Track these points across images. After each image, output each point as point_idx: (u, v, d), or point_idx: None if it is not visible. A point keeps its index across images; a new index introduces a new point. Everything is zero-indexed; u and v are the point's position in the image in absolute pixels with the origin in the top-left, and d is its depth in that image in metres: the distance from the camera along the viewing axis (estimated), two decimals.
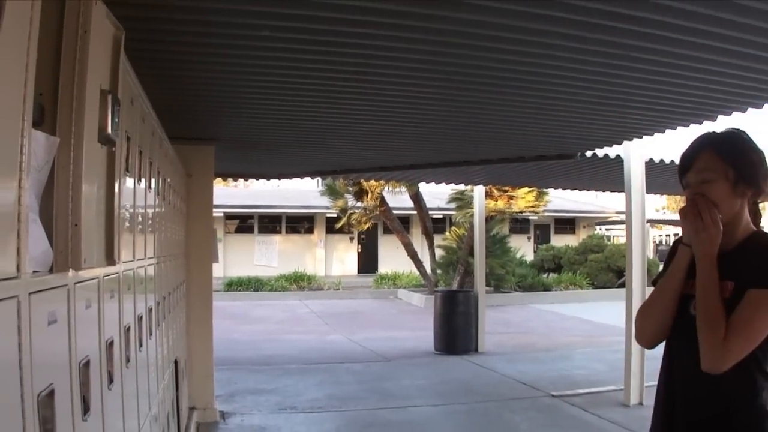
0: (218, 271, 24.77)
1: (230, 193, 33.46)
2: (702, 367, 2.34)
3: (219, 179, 14.68)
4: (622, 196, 9.22)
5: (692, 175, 2.53)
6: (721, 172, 2.46)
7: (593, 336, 14.84)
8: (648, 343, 2.72)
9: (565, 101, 5.77)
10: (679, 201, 53.51)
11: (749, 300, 2.31)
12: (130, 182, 3.05)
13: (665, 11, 3.71)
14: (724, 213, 2.46)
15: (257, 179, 13.84)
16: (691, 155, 2.55)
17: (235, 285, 25.47)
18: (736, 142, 2.54)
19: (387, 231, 29.32)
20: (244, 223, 34.56)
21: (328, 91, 5.53)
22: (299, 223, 35.08)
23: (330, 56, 4.54)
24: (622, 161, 8.88)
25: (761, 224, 2.60)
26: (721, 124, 6.71)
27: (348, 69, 4.85)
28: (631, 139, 7.79)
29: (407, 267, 26.27)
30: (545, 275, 27.06)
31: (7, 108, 1.41)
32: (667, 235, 49.40)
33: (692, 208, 2.49)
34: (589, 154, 8.77)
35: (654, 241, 39.04)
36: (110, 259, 2.34)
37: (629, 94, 5.47)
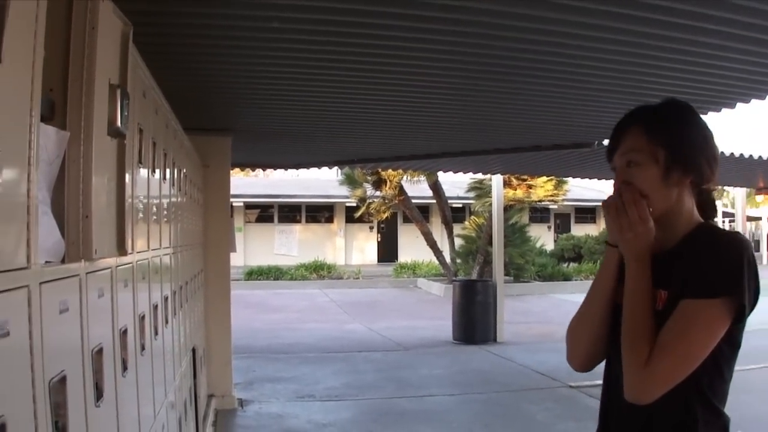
0: (239, 260, 24.98)
1: (250, 183, 33.56)
2: (625, 396, 1.92)
3: (237, 169, 14.75)
4: None
5: (618, 158, 2.07)
6: (649, 154, 1.99)
7: None
8: (580, 365, 2.20)
9: (581, 90, 5.77)
10: None
11: (681, 313, 1.87)
12: (143, 173, 3.10)
13: None
14: (655, 205, 1.99)
15: (275, 169, 13.86)
16: (617, 132, 2.10)
17: (256, 274, 25.62)
18: (670, 116, 2.07)
19: (406, 220, 29.34)
20: (265, 212, 34.65)
21: (342, 80, 5.55)
22: (319, 213, 35.14)
23: (343, 46, 4.57)
24: None
25: (715, 219, 2.16)
26: (739, 112, 6.69)
27: (362, 59, 4.87)
28: None
29: (427, 256, 26.29)
30: (565, 265, 26.98)
31: (15, 105, 1.46)
32: None
33: (617, 201, 2.01)
34: (606, 142, 8.72)
35: None
36: (122, 249, 2.39)
37: (646, 82, 5.44)
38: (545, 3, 3.77)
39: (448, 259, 23.82)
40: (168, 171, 4.05)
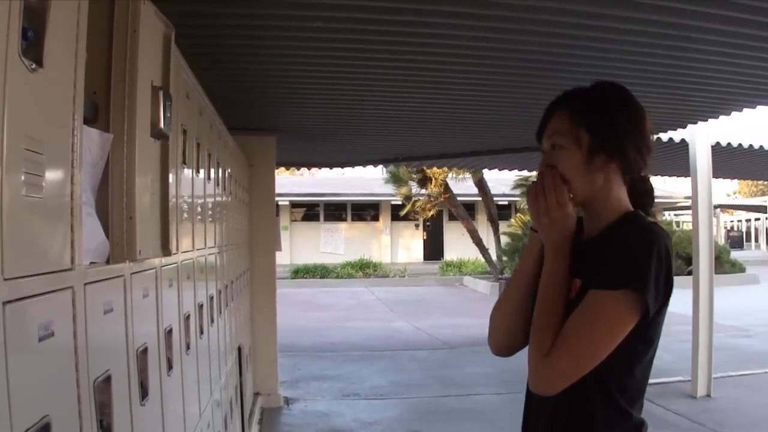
0: (285, 258, 25.09)
1: (296, 182, 33.75)
2: (529, 386, 1.90)
3: (283, 168, 14.84)
4: (689, 180, 9.04)
5: (545, 141, 1.99)
6: (572, 137, 1.91)
7: None
8: (498, 349, 2.17)
9: (627, 85, 5.68)
10: (751, 185, 52.19)
11: (586, 304, 1.80)
12: (187, 174, 3.13)
13: None
14: (578, 190, 1.92)
15: (319, 168, 13.88)
16: (546, 115, 2.02)
17: (302, 272, 25.78)
18: (597, 99, 1.98)
19: (452, 218, 29.27)
20: (310, 211, 34.77)
21: (385, 79, 5.54)
22: (365, 211, 35.16)
23: (386, 45, 4.55)
24: (688, 145, 8.71)
25: (651, 209, 2.06)
26: None
27: (405, 57, 4.86)
28: (695, 123, 7.64)
29: (473, 254, 26.20)
30: None
31: (58, 108, 1.48)
32: (738, 221, 48.21)
33: (537, 185, 1.94)
34: (653, 138, 8.58)
35: (725, 227, 38.15)
36: (166, 249, 2.42)
37: (693, 76, 5.36)
38: None
39: (494, 257, 23.69)
40: (212, 171, 4.08)
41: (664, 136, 8.57)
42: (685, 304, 10.84)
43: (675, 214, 38.46)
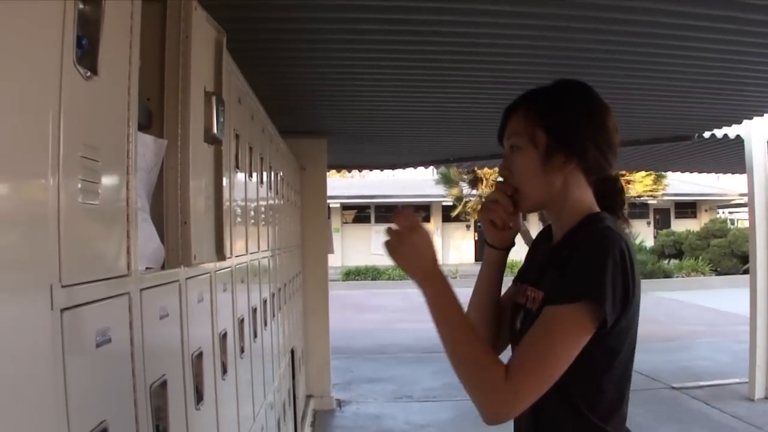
0: (336, 260, 25.16)
1: (347, 184, 33.81)
2: (483, 420, 1.69)
3: (333, 171, 14.88)
4: (744, 177, 8.88)
5: (504, 143, 1.90)
6: (528, 137, 1.82)
7: (716, 325, 14.32)
8: None
9: (680, 81, 5.59)
10: None
11: (542, 322, 1.67)
12: (240, 178, 3.14)
13: None
14: (531, 193, 1.86)
15: (371, 170, 13.90)
16: (504, 116, 1.93)
17: (353, 274, 25.82)
18: (553, 96, 1.87)
19: None
20: (361, 212, 34.90)
21: (437, 81, 5.53)
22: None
23: (437, 46, 4.53)
24: (743, 141, 8.55)
25: (623, 210, 1.95)
26: None
27: (455, 58, 4.83)
28: (751, 118, 7.48)
29: (524, 255, 26.01)
30: (666, 261, 26.26)
31: (113, 115, 1.50)
32: None
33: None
34: (707, 135, 8.48)
35: None
36: (220, 254, 2.42)
37: (747, 69, 5.23)
38: None
39: None
40: (265, 175, 4.10)
41: (719, 132, 8.41)
42: (742, 303, 10.66)
43: (729, 212, 37.83)
